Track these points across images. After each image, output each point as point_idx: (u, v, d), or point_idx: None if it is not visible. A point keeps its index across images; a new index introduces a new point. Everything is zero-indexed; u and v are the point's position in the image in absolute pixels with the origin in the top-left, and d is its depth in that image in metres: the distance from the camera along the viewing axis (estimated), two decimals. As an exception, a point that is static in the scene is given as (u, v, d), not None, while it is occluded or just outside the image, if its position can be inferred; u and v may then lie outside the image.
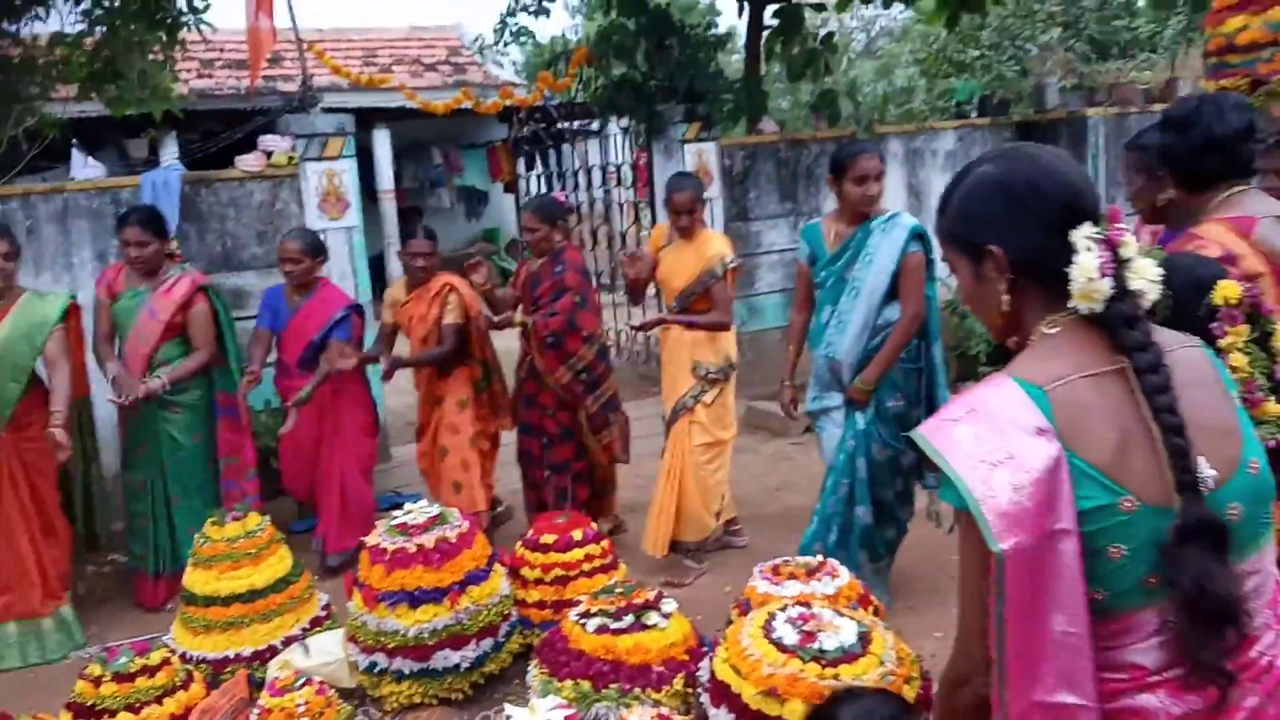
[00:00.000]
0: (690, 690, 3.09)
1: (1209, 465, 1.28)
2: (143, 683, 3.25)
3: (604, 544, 3.87)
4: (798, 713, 2.51)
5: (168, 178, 5.33)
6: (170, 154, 11.31)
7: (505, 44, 8.26)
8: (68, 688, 3.34)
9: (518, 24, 8.40)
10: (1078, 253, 1.35)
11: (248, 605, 3.69)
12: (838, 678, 2.56)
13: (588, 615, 3.29)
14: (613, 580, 3.70)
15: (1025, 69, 10.46)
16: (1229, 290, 1.91)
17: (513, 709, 3.08)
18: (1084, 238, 1.35)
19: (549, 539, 3.80)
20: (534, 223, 4.53)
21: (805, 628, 2.73)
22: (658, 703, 3.02)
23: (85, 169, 10.95)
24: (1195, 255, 2.15)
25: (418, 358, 4.78)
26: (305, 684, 3.29)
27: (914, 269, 3.85)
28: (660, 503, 4.55)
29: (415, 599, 3.38)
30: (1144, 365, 1.30)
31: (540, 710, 3.00)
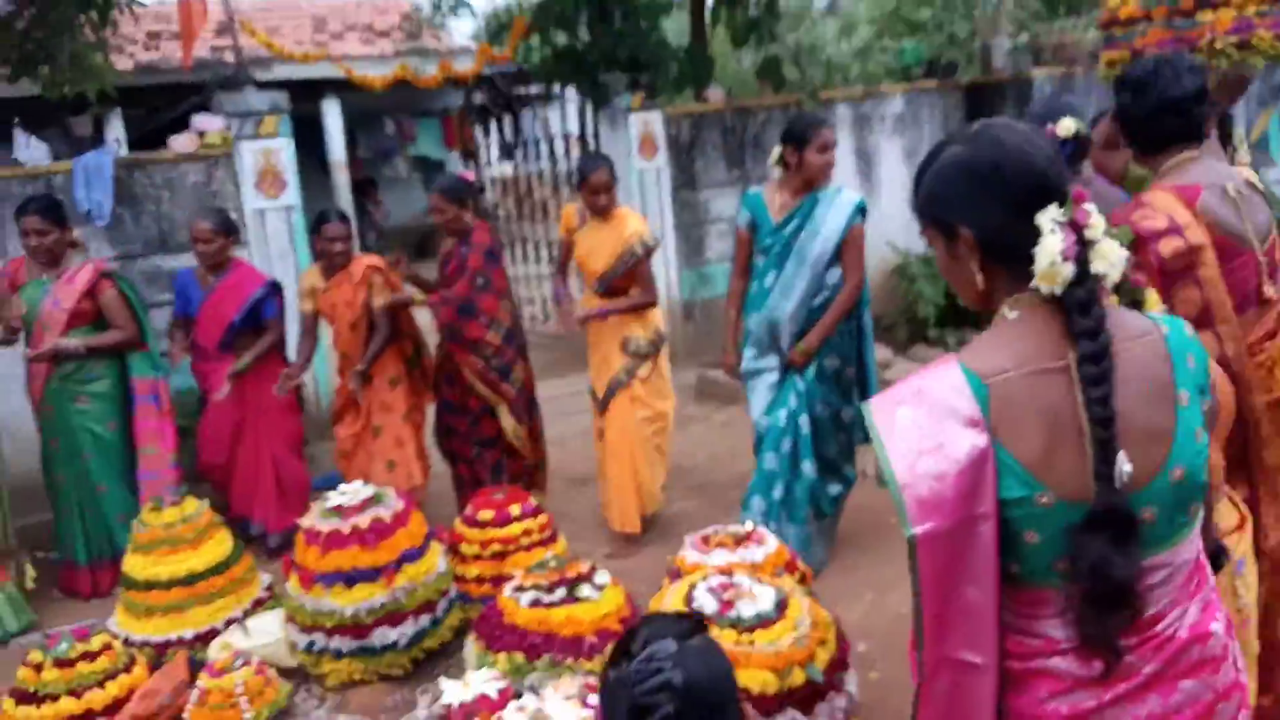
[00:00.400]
0: (620, 659, 3.16)
1: (1128, 463, 1.34)
2: (84, 667, 3.29)
3: (542, 519, 3.92)
4: (714, 679, 2.59)
5: (100, 161, 5.27)
6: (115, 131, 11.13)
7: (443, 16, 8.12)
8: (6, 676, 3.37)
9: None
10: (1043, 235, 1.38)
11: (188, 589, 3.72)
12: (753, 643, 2.66)
13: (522, 590, 3.34)
14: (549, 554, 3.75)
15: (974, 29, 10.47)
16: None
17: (448, 682, 3.16)
18: (1049, 220, 1.38)
19: (486, 515, 3.85)
20: (442, 204, 4.51)
21: (725, 596, 2.82)
22: (590, 672, 3.10)
23: (28, 149, 10.71)
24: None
25: (374, 353, 4.69)
26: (244, 665, 3.34)
27: (857, 240, 4.08)
28: (619, 481, 4.59)
29: (351, 579, 3.42)
30: (1087, 353, 1.35)
31: (474, 683, 3.07)
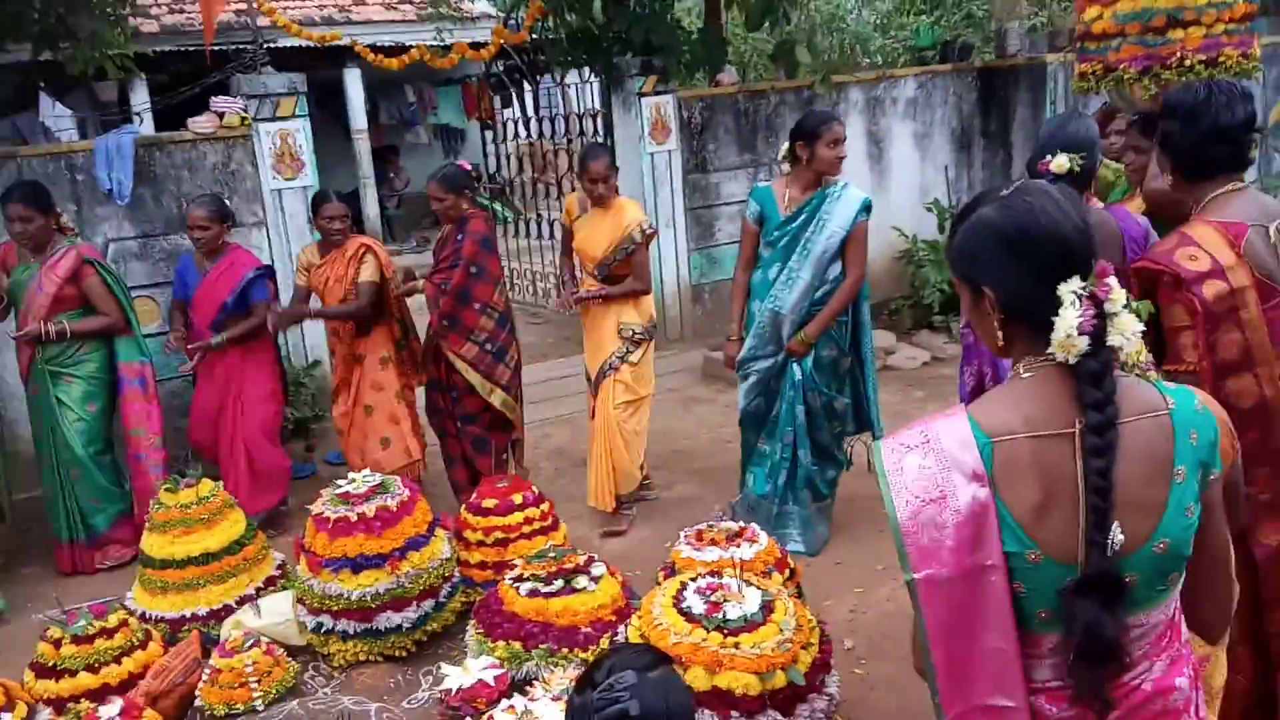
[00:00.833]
0: (612, 651, 3.29)
1: (1121, 533, 1.43)
2: (101, 644, 3.45)
3: (544, 506, 4.04)
4: (699, 679, 2.71)
5: (120, 141, 5.36)
6: (140, 96, 11.22)
7: None
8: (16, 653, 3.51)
9: None
10: (1063, 306, 1.45)
11: (202, 567, 3.86)
12: (738, 646, 2.77)
13: (521, 579, 3.47)
14: (549, 543, 3.88)
15: (992, 10, 10.39)
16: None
17: (448, 667, 3.31)
18: (1070, 292, 1.45)
19: (490, 503, 3.97)
20: (439, 192, 4.64)
21: (712, 598, 2.92)
22: (585, 662, 3.23)
23: (54, 114, 10.80)
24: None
25: (333, 310, 4.93)
26: (253, 645, 3.49)
27: (861, 237, 4.26)
28: (595, 461, 4.79)
29: (357, 565, 3.55)
30: (1093, 424, 1.43)
31: (473, 669, 3.22)
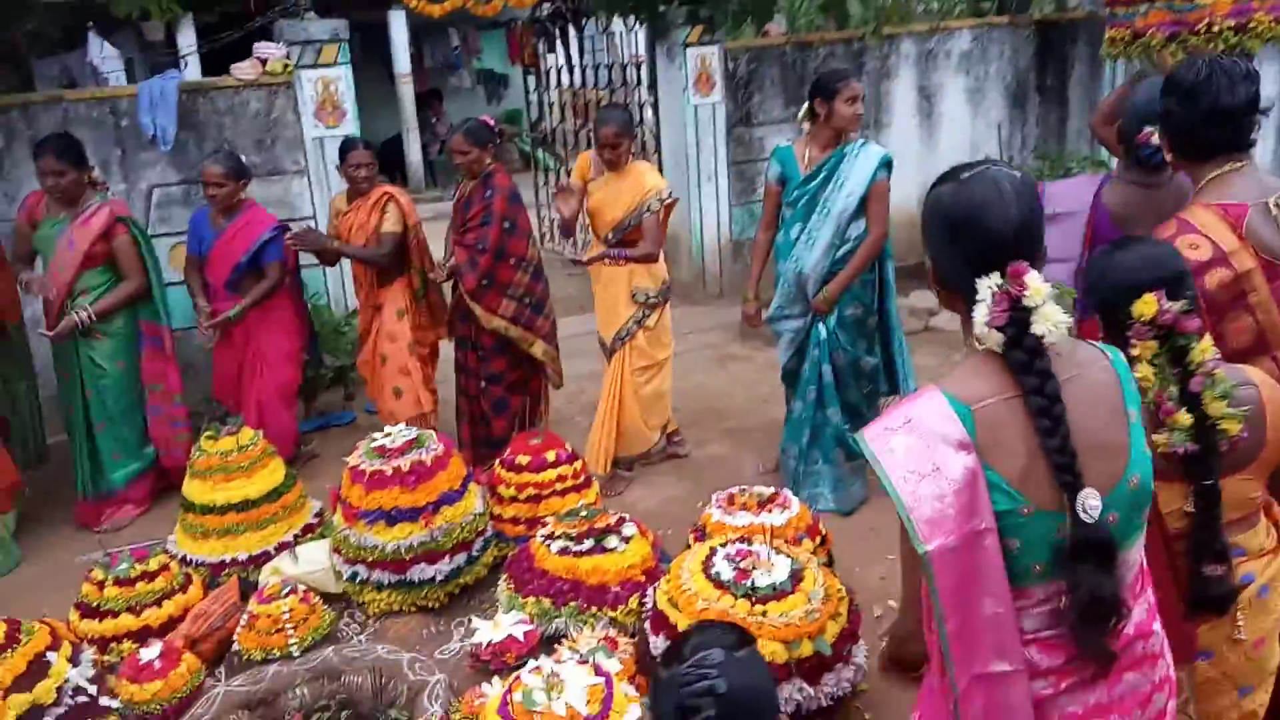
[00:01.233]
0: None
1: (1094, 498, 1.49)
2: (143, 587, 3.54)
3: (576, 465, 4.05)
4: (725, 645, 2.71)
5: (164, 86, 5.37)
6: (188, 37, 11.23)
7: None
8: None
9: None
10: (978, 299, 1.50)
11: (242, 514, 3.93)
12: (765, 614, 2.77)
13: (552, 537, 3.49)
14: (581, 501, 3.89)
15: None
16: (1145, 307, 1.99)
17: (479, 621, 3.35)
18: (986, 287, 1.50)
19: (523, 460, 3.98)
20: (464, 145, 4.60)
21: (741, 565, 2.92)
22: (614, 620, 3.25)
23: (102, 55, 10.84)
24: (1147, 255, 2.11)
25: (354, 250, 4.95)
26: (290, 592, 3.55)
27: (881, 194, 4.20)
28: (598, 422, 4.82)
29: (392, 518, 3.59)
30: (1036, 407, 1.49)
31: (503, 624, 3.26)
